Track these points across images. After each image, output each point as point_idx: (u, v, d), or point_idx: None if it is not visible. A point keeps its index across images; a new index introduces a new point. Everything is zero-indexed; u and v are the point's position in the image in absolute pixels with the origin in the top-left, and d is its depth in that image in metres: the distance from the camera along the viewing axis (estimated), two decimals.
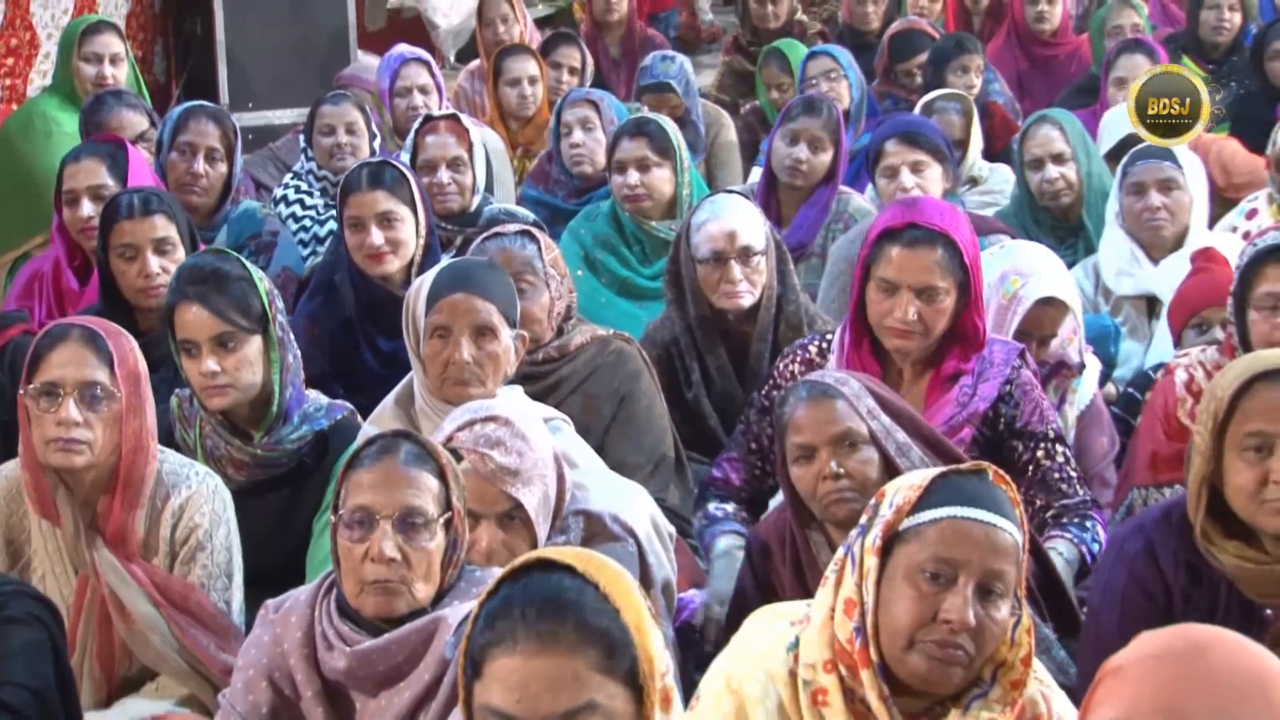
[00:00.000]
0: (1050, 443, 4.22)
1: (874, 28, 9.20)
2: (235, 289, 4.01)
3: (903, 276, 4.17)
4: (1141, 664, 2.14)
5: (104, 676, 3.76)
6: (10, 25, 8.29)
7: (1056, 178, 6.11)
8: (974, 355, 4.26)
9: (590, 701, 2.13)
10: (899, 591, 2.79)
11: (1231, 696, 2.07)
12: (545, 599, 2.15)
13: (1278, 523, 3.23)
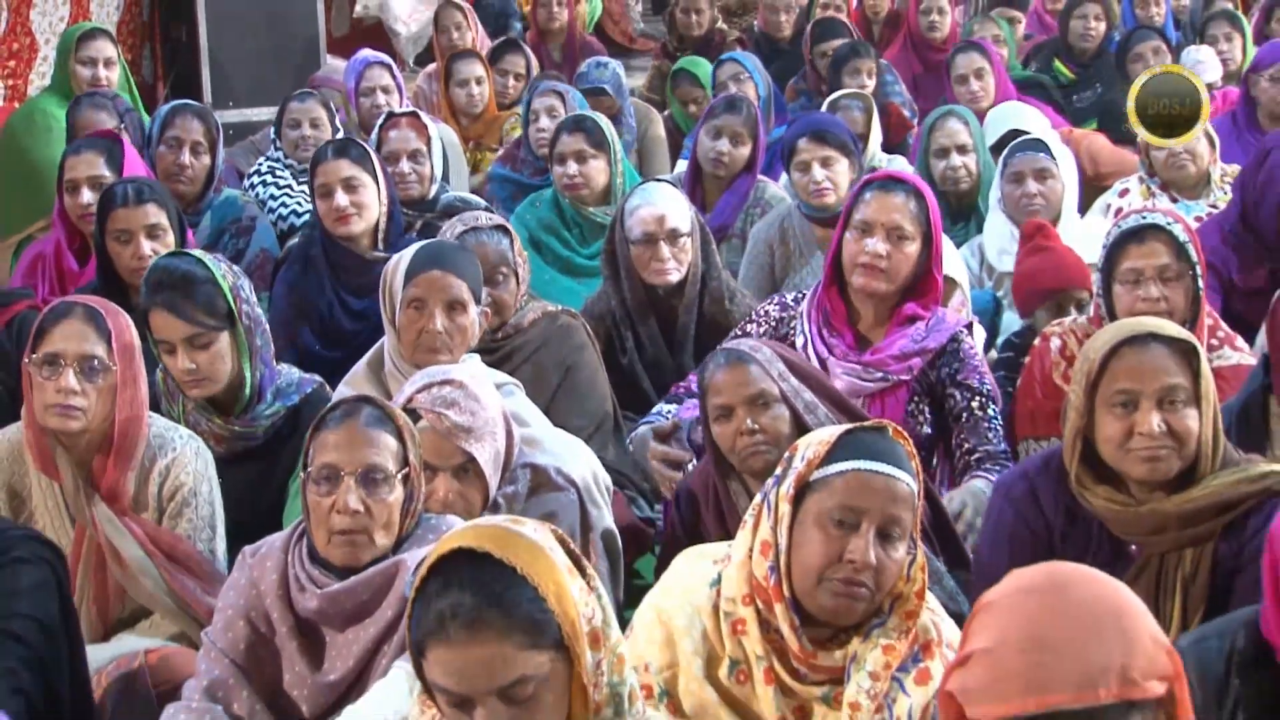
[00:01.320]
0: (984, 398, 4.26)
1: (786, 35, 9.25)
2: (201, 293, 3.97)
3: (877, 216, 4.25)
4: (1010, 598, 2.15)
5: (100, 617, 3.76)
6: (12, 31, 8.31)
7: (960, 166, 6.15)
8: (931, 306, 4.31)
9: (521, 676, 2.16)
10: (809, 535, 2.79)
11: (1090, 627, 2.08)
12: (471, 594, 2.16)
13: (1142, 470, 3.25)
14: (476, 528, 2.24)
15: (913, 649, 2.82)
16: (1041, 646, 2.07)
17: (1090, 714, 2.04)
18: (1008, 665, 2.07)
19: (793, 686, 2.83)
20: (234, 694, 3.17)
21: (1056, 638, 2.07)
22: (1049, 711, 2.04)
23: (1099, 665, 2.05)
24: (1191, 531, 3.27)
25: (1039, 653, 2.06)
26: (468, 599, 2.15)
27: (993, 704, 2.07)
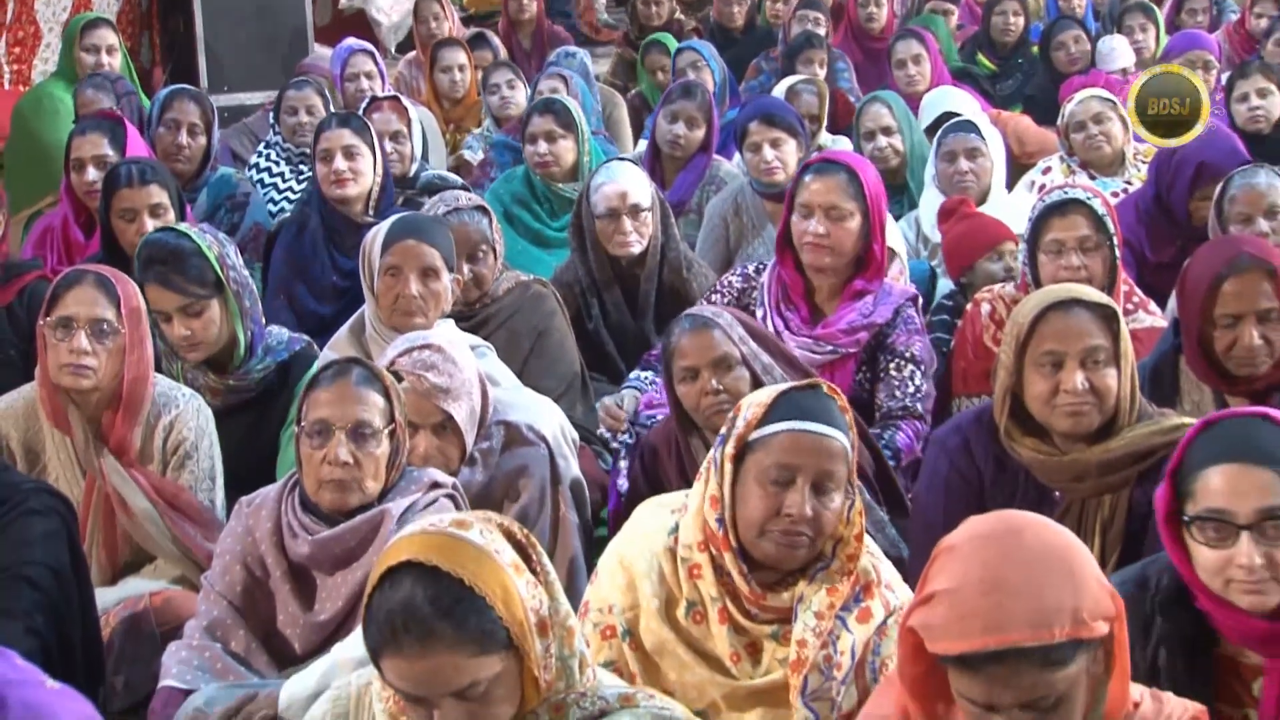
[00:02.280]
0: (904, 360, 4.24)
1: (739, 25, 9.22)
2: (190, 265, 3.96)
3: (814, 198, 4.26)
4: (969, 543, 2.15)
5: (109, 562, 3.75)
6: (18, 20, 8.35)
7: (885, 146, 6.15)
8: (877, 279, 4.31)
9: (473, 681, 2.14)
10: (750, 491, 2.78)
11: (1041, 568, 2.09)
12: (421, 608, 2.12)
13: (1066, 423, 3.25)
14: (425, 536, 2.18)
15: (854, 590, 2.80)
16: (1000, 588, 2.07)
17: (1044, 651, 2.05)
18: (969, 605, 2.07)
19: (745, 625, 2.82)
20: (231, 633, 3.18)
21: (1014, 580, 2.07)
22: (1006, 648, 2.05)
23: (1053, 606, 2.06)
24: (1109, 479, 3.27)
25: (998, 594, 2.06)
26: (418, 614, 2.11)
27: (954, 640, 2.08)
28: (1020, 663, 2.05)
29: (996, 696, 2.08)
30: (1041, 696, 2.07)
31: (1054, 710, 2.09)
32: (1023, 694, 2.07)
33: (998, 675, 2.07)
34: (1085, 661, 2.10)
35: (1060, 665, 2.06)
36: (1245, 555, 2.43)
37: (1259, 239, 4.13)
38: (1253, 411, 2.61)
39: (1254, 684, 2.55)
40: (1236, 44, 8.08)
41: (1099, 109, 5.91)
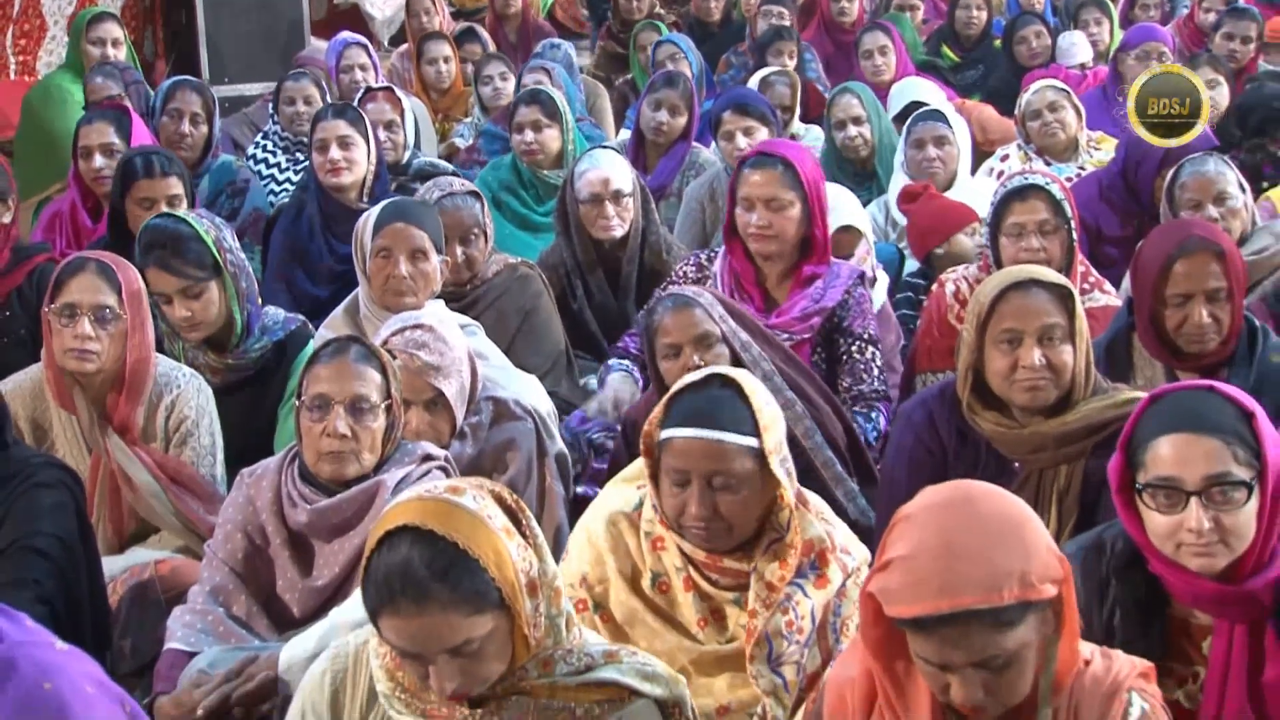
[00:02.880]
0: (864, 342, 4.24)
1: (716, 19, 9.23)
2: (189, 249, 3.95)
3: (754, 191, 4.26)
4: (926, 511, 2.15)
5: (115, 533, 3.74)
6: (24, 13, 8.35)
7: (855, 135, 6.14)
8: (823, 263, 4.29)
9: (467, 639, 2.15)
10: (664, 489, 2.78)
11: (992, 535, 2.10)
12: (418, 570, 2.12)
13: (1024, 398, 3.26)
14: (421, 502, 2.19)
15: (810, 557, 2.79)
16: (953, 554, 2.07)
17: (994, 613, 2.06)
18: (924, 570, 2.08)
19: (708, 591, 2.82)
20: (233, 598, 3.18)
21: (966, 546, 2.08)
22: (958, 611, 2.05)
23: (1003, 570, 2.07)
24: (1066, 450, 3.28)
25: (951, 559, 2.07)
26: (415, 575, 2.12)
27: (910, 604, 2.08)
28: (972, 624, 2.06)
29: (950, 656, 2.09)
30: (993, 656, 2.08)
31: (1006, 668, 2.10)
32: (975, 654, 2.08)
33: (950, 636, 2.08)
34: (1035, 622, 2.11)
35: (1010, 626, 2.07)
36: (1194, 520, 2.44)
37: (1208, 223, 4.14)
38: (1199, 384, 2.63)
39: (1203, 643, 2.56)
40: (1186, 38, 8.10)
41: (1054, 98, 5.95)
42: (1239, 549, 2.46)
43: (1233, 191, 4.49)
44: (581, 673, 2.27)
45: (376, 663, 2.29)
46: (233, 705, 2.93)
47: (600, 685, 2.26)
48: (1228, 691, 2.50)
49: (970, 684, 2.10)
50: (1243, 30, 7.29)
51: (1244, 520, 2.45)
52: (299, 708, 2.37)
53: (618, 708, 2.26)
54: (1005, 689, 2.12)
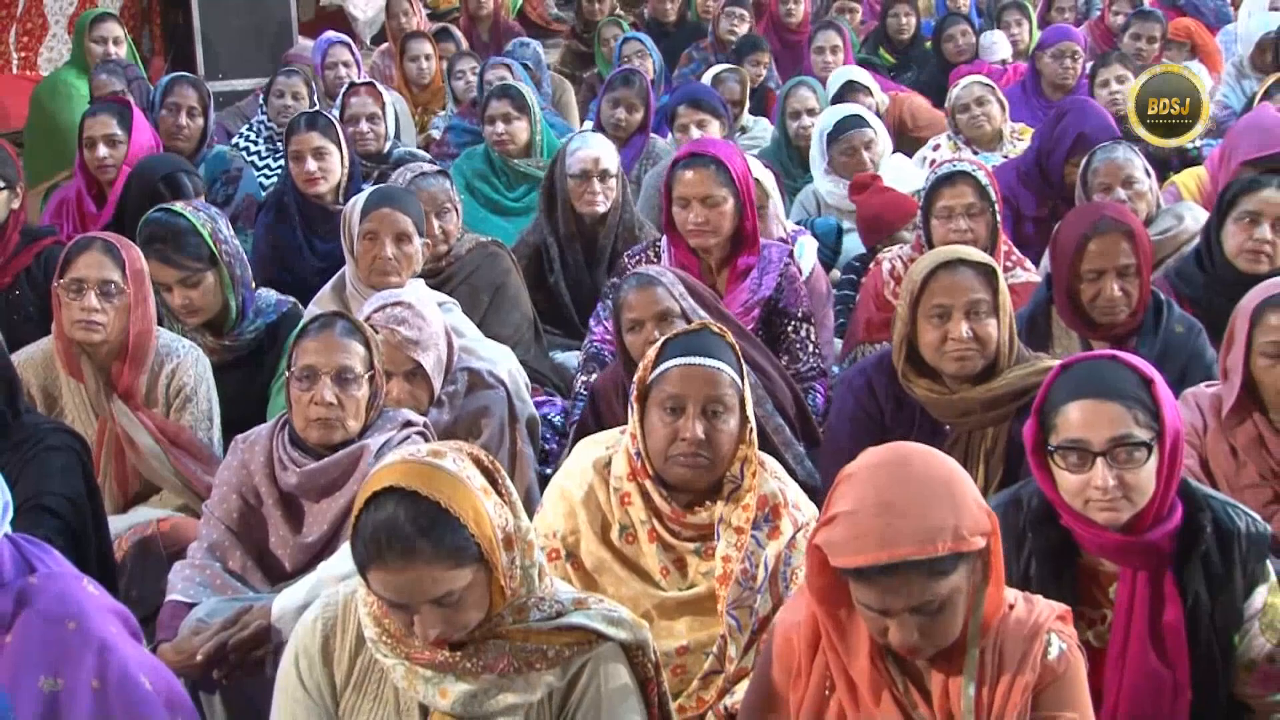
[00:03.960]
0: (798, 320, 4.24)
1: (672, 19, 9.19)
2: (186, 242, 3.93)
3: (689, 190, 4.23)
4: (864, 471, 2.16)
5: (120, 493, 3.73)
6: (27, 12, 8.35)
7: (809, 125, 6.07)
8: (754, 253, 4.28)
9: (449, 590, 2.15)
10: (652, 424, 2.79)
11: (926, 492, 2.11)
12: (403, 528, 2.12)
13: (954, 367, 3.28)
14: (406, 464, 2.19)
15: (764, 511, 2.81)
16: (891, 510, 2.09)
17: (929, 563, 2.08)
18: (864, 525, 2.09)
19: (671, 543, 2.83)
20: (229, 553, 3.17)
21: (903, 503, 2.09)
22: (896, 561, 2.07)
23: (936, 524, 2.08)
24: (991, 414, 3.30)
25: (889, 515, 2.08)
26: (401, 532, 2.12)
27: (852, 555, 2.10)
28: (909, 573, 2.07)
29: (889, 603, 2.11)
30: (928, 602, 2.10)
31: (939, 613, 2.12)
32: (912, 600, 2.10)
33: (889, 585, 2.09)
34: (965, 571, 2.12)
35: (943, 575, 2.09)
36: (1100, 478, 2.46)
37: (1119, 205, 4.17)
38: (1103, 354, 2.65)
39: (1110, 589, 2.58)
40: (1098, 37, 8.12)
41: (980, 93, 5.97)
42: (1140, 503, 2.49)
43: (1139, 176, 4.52)
44: (553, 618, 2.27)
45: (364, 611, 2.29)
46: (229, 651, 2.92)
47: (570, 630, 2.27)
48: (1132, 632, 2.52)
49: (907, 627, 2.12)
50: (1148, 30, 7.34)
51: (1145, 477, 2.48)
52: (293, 652, 2.36)
53: (586, 650, 2.27)
54: (938, 632, 2.13)
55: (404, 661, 2.23)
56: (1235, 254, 3.97)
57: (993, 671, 2.16)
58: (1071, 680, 2.18)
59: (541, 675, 2.23)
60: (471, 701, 2.21)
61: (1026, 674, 2.15)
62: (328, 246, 4.75)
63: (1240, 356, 3.19)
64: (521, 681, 2.22)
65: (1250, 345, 3.17)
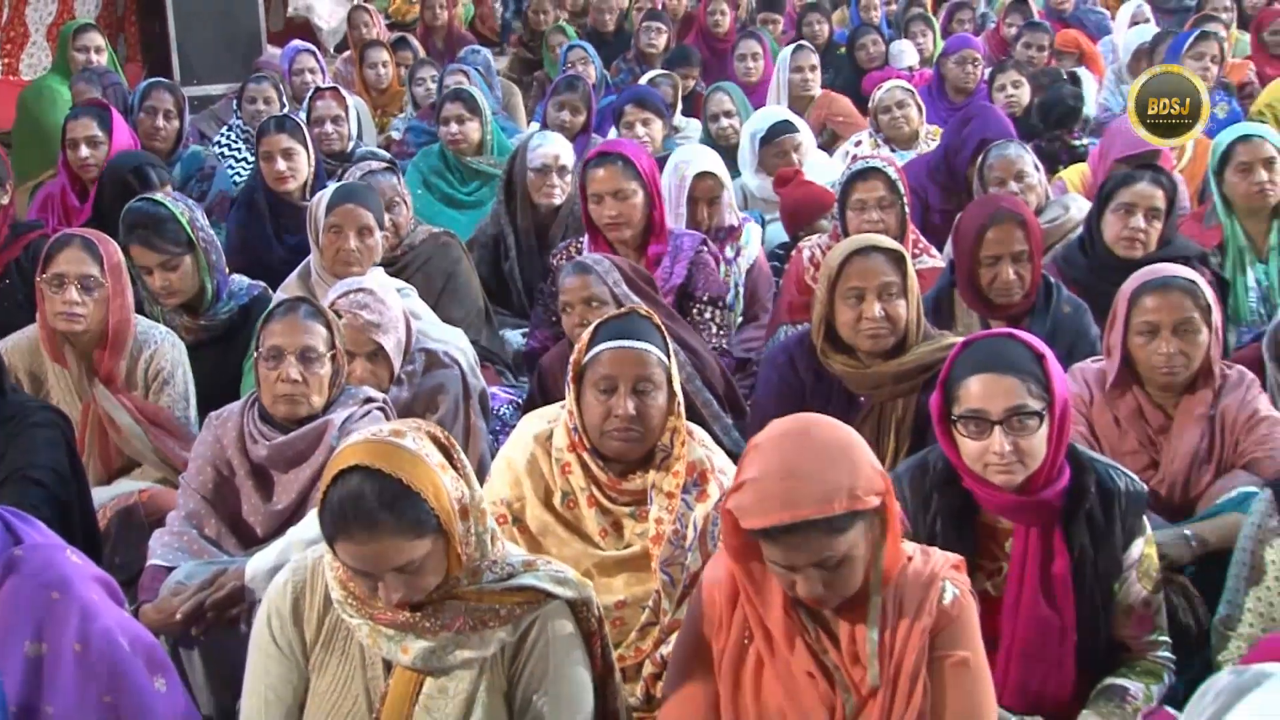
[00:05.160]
0: (704, 304, 4.24)
1: (610, 30, 9.15)
2: (166, 228, 3.89)
3: (602, 187, 4.23)
4: (770, 439, 2.16)
5: (104, 467, 3.68)
6: (10, 22, 8.18)
7: (727, 125, 6.10)
8: (663, 241, 4.26)
9: (410, 559, 2.13)
10: (588, 403, 2.78)
11: (825, 457, 2.11)
12: (367, 504, 2.10)
13: (868, 344, 3.29)
14: (369, 443, 2.16)
15: (692, 476, 2.81)
16: (793, 474, 2.08)
17: (828, 522, 2.08)
18: (769, 489, 2.09)
19: (608, 508, 2.82)
20: (205, 521, 3.15)
21: (803, 468, 2.09)
22: (799, 521, 2.07)
23: (833, 486, 2.08)
24: (902, 387, 3.32)
25: (791, 479, 2.08)
26: (365, 507, 2.09)
27: (759, 517, 2.09)
28: (810, 532, 2.07)
29: (794, 559, 2.11)
30: (829, 556, 2.10)
31: (840, 566, 2.12)
32: (814, 556, 2.10)
33: (793, 543, 2.09)
34: (862, 528, 2.12)
35: (841, 532, 2.09)
36: (998, 444, 2.48)
37: (1013, 197, 4.21)
38: (1001, 332, 2.66)
39: (1006, 543, 2.60)
40: (994, 46, 8.16)
41: (901, 97, 6.00)
42: (1033, 467, 2.51)
43: (1030, 171, 4.56)
44: (504, 580, 2.26)
45: (331, 575, 2.27)
46: (206, 610, 2.91)
47: (520, 590, 2.25)
48: (1025, 582, 2.54)
49: (812, 580, 2.12)
50: (1038, 40, 7.43)
51: (1037, 443, 2.50)
52: (266, 612, 2.34)
53: (535, 608, 2.26)
54: (841, 583, 2.14)
55: (368, 621, 2.22)
56: (1114, 241, 4.02)
57: (894, 617, 2.17)
58: (964, 623, 2.19)
59: (495, 632, 2.22)
60: (431, 657, 2.20)
61: (924, 618, 2.16)
62: (295, 239, 4.71)
63: (1120, 335, 3.22)
64: (476, 638, 2.21)
65: (1128, 325, 3.20)
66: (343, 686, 2.27)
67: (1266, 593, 2.62)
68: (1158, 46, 7.00)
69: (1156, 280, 3.20)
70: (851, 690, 2.16)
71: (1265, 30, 7.46)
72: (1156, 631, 2.63)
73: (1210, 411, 3.20)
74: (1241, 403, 3.20)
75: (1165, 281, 3.19)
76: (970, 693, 2.15)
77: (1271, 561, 2.62)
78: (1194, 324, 3.15)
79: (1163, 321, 3.15)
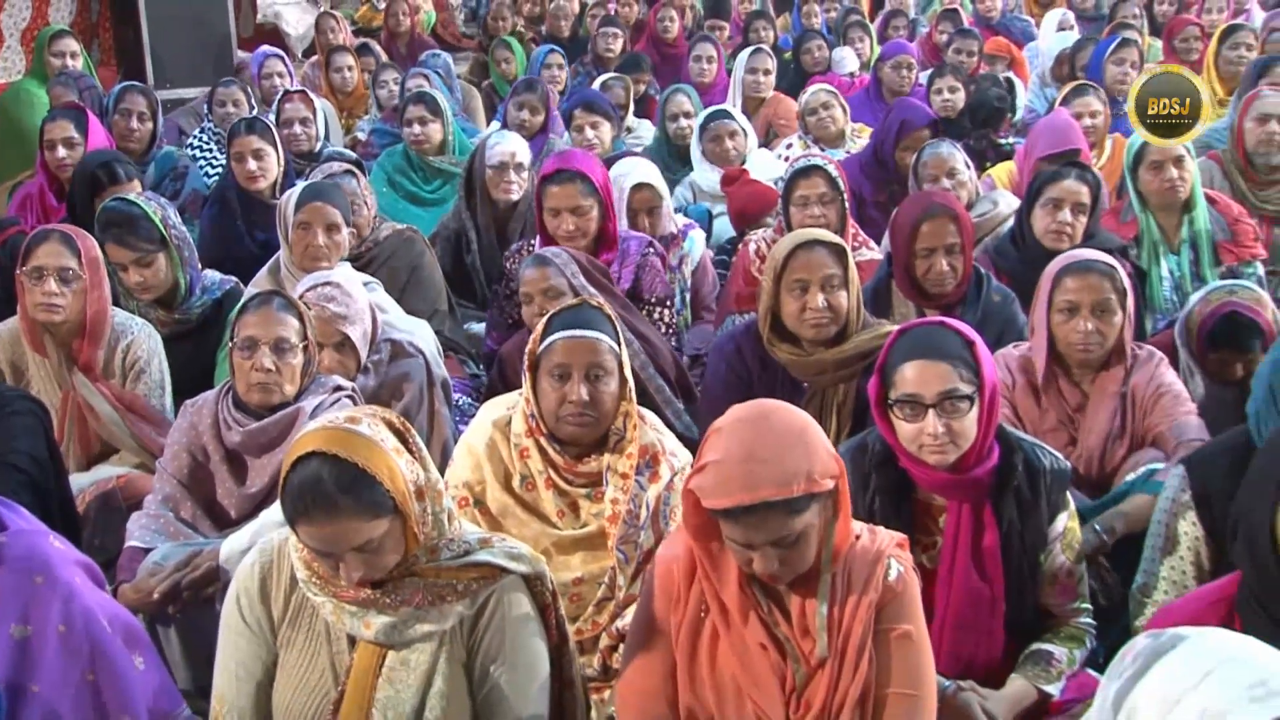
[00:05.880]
0: (651, 305, 4.23)
1: (566, 35, 9.11)
2: (140, 227, 3.83)
3: (560, 203, 4.19)
4: (730, 424, 2.15)
5: (83, 453, 3.64)
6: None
7: (685, 126, 6.07)
8: (614, 249, 4.24)
9: (368, 539, 2.11)
10: (543, 390, 2.76)
11: (784, 442, 2.10)
12: (326, 488, 2.07)
13: (811, 333, 3.30)
14: (326, 430, 2.13)
15: (645, 458, 2.80)
16: (753, 458, 2.08)
17: (786, 503, 2.07)
18: (730, 471, 2.08)
19: (565, 489, 2.81)
20: (181, 504, 3.12)
21: (763, 451, 2.08)
22: (759, 502, 2.06)
23: (792, 470, 2.07)
24: (843, 373, 3.33)
25: (752, 462, 2.07)
26: (324, 491, 2.07)
27: (720, 498, 2.09)
28: (768, 512, 2.07)
29: (753, 538, 2.11)
30: (785, 536, 2.10)
31: (796, 545, 2.12)
32: (772, 535, 2.09)
33: (752, 522, 2.09)
34: (818, 509, 2.13)
35: (798, 513, 2.09)
36: (931, 426, 2.49)
37: (945, 192, 4.23)
38: (934, 320, 2.67)
39: (940, 519, 2.62)
40: (927, 51, 8.21)
41: (826, 99, 6.02)
42: (964, 447, 2.52)
43: (960, 168, 4.59)
44: (461, 557, 2.24)
45: (295, 556, 2.25)
46: (183, 589, 2.89)
47: (476, 566, 2.24)
48: (957, 554, 2.56)
49: (768, 558, 2.12)
50: (968, 46, 7.45)
51: (968, 425, 2.51)
52: (235, 591, 2.32)
53: (491, 583, 2.24)
54: (795, 561, 2.14)
55: (332, 599, 2.20)
56: (1042, 234, 4.04)
57: (842, 592, 2.18)
58: (908, 598, 2.20)
59: (453, 606, 2.21)
60: (392, 631, 2.18)
61: (870, 593, 2.17)
62: (265, 235, 4.67)
63: (1043, 314, 3.25)
64: (435, 612, 2.20)
65: (1050, 304, 3.23)
66: (310, 660, 2.25)
67: (1179, 562, 2.66)
68: (1079, 53, 7.06)
69: (1078, 263, 3.24)
70: (801, 661, 2.17)
71: (1175, 38, 7.54)
72: (1079, 599, 2.66)
73: (1122, 389, 3.25)
74: (1149, 379, 3.25)
75: (1086, 265, 3.23)
76: (912, 663, 2.17)
77: (1184, 533, 2.65)
78: (1110, 305, 3.19)
79: (1082, 301, 3.19)
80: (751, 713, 2.18)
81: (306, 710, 2.22)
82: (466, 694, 2.22)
